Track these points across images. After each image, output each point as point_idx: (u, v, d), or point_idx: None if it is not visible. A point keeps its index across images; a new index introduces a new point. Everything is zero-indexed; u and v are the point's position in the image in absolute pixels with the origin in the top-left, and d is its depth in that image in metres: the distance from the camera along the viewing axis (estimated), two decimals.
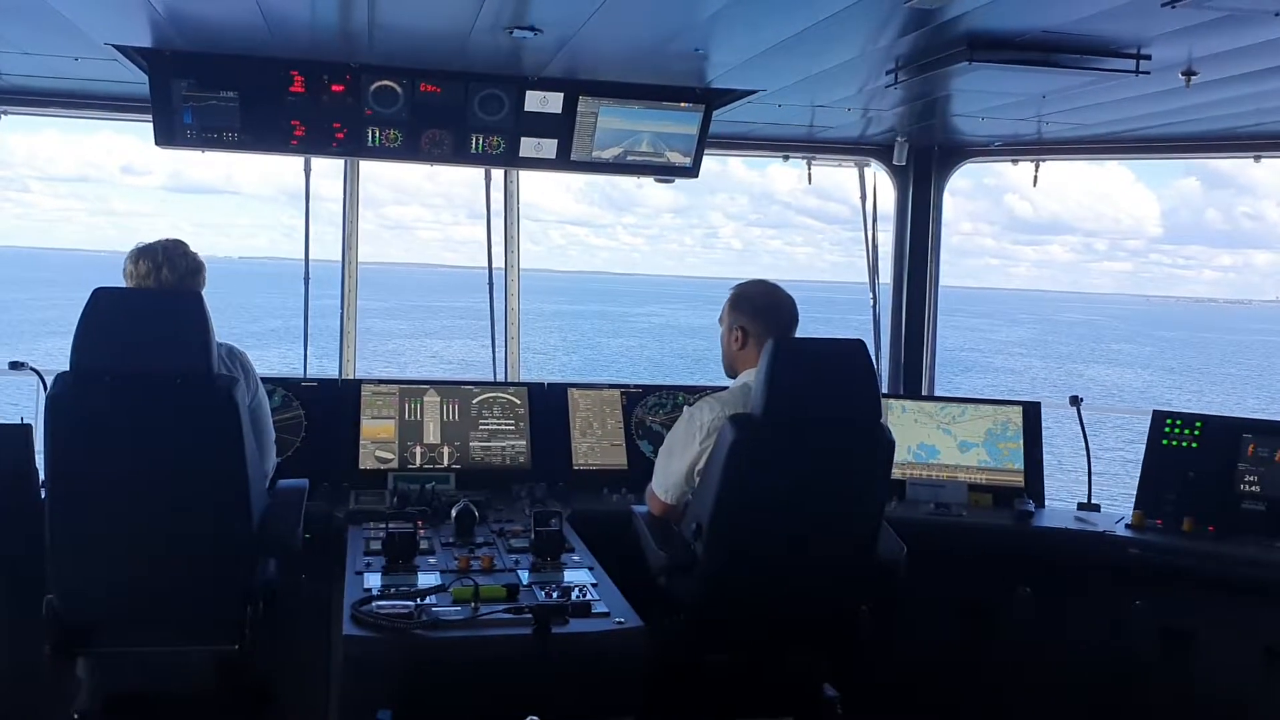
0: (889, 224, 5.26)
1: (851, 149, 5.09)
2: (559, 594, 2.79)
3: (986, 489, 4.33)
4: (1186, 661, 3.83)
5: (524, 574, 2.96)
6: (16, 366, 4.26)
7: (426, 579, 2.86)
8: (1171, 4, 2.58)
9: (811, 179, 5.18)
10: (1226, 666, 3.75)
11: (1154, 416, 4.22)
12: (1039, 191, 5.55)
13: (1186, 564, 3.79)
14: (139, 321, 2.82)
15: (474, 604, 2.63)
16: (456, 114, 3.91)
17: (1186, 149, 4.59)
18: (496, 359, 5.14)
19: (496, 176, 5.02)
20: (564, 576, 2.97)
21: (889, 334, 5.25)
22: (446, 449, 4.22)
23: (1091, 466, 4.38)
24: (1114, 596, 3.96)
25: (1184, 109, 3.86)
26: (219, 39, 3.50)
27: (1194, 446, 4.12)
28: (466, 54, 3.57)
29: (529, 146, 4.04)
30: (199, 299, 2.92)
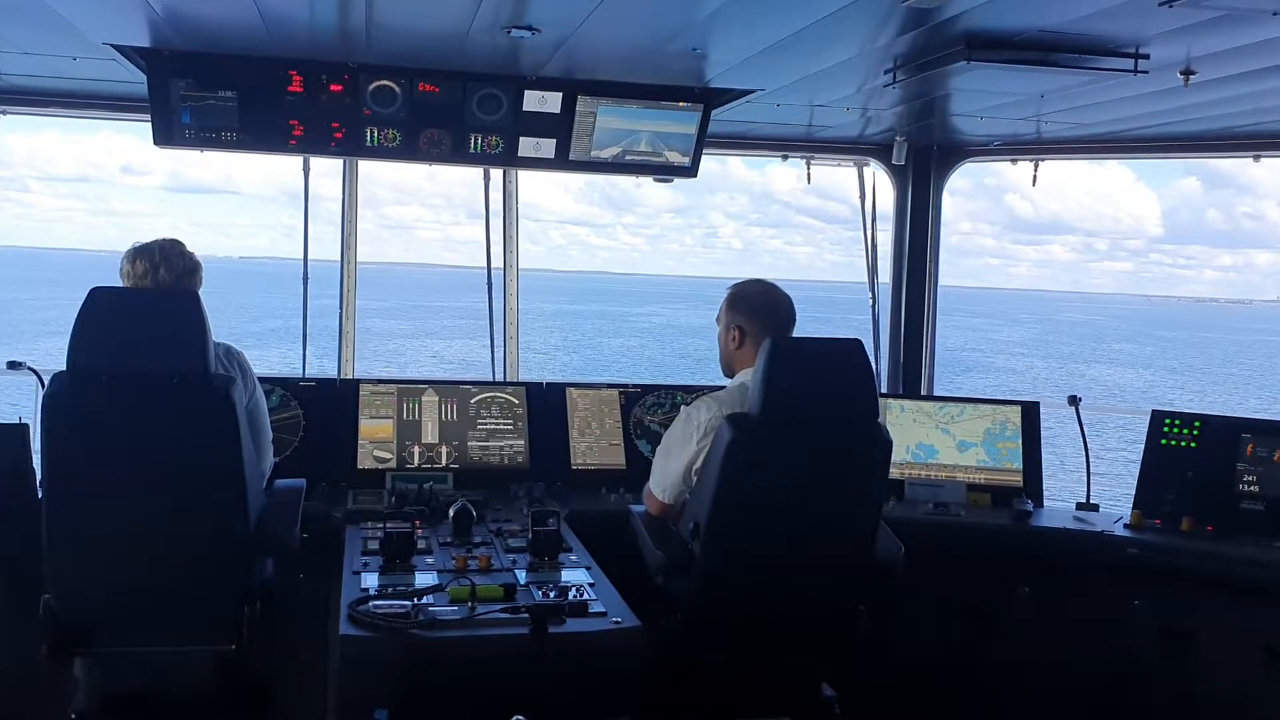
0: (888, 224, 5.26)
1: (850, 148, 5.09)
2: (556, 594, 2.79)
3: (985, 489, 4.33)
4: (1186, 661, 3.82)
5: (521, 574, 2.96)
6: (15, 366, 4.26)
7: (424, 579, 2.85)
8: (1169, 3, 2.58)
9: (811, 179, 5.18)
10: (1226, 666, 3.75)
11: (1153, 416, 4.21)
12: (1039, 191, 5.55)
13: (1186, 564, 3.78)
14: (136, 321, 2.82)
15: (471, 604, 2.63)
16: (455, 114, 3.91)
17: (1185, 148, 4.59)
18: (495, 359, 5.14)
19: (495, 176, 5.02)
20: (561, 576, 2.97)
21: (888, 334, 5.24)
22: (445, 449, 4.22)
23: (1090, 466, 4.38)
24: (1113, 596, 3.95)
25: (1182, 108, 3.85)
26: (217, 39, 3.50)
27: (1193, 446, 4.12)
28: (465, 54, 3.57)
29: (527, 146, 4.04)
30: (196, 299, 2.92)
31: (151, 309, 2.92)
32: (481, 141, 3.99)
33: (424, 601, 2.62)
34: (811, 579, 3.13)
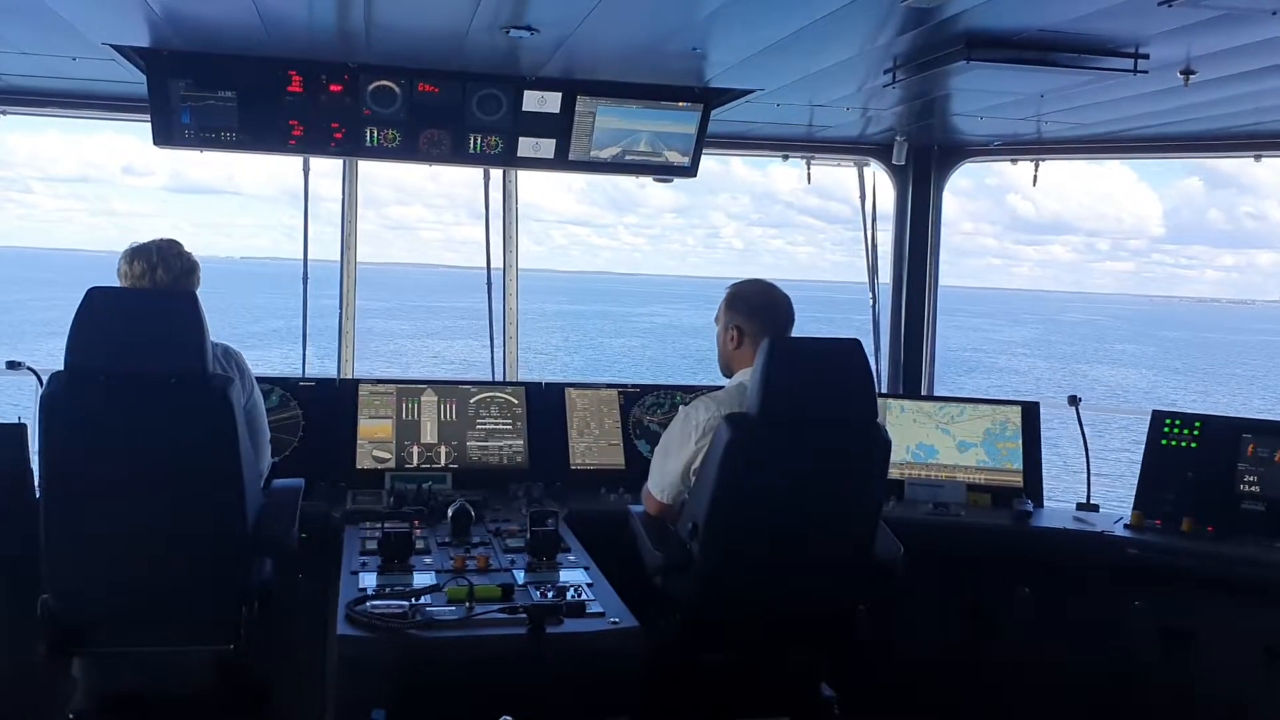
0: (889, 223, 5.25)
1: (851, 148, 5.08)
2: (554, 594, 2.78)
3: (985, 489, 4.32)
4: (1186, 661, 3.82)
5: (519, 574, 2.95)
6: (14, 366, 4.25)
7: (422, 579, 2.85)
8: (1168, 3, 2.58)
9: (811, 179, 5.18)
10: (1226, 666, 3.75)
11: (1153, 416, 4.21)
12: (1040, 191, 5.55)
13: (1186, 564, 3.78)
14: (134, 321, 2.82)
15: (469, 604, 2.62)
16: (454, 114, 3.91)
17: (1185, 148, 4.59)
18: (495, 359, 5.14)
19: (495, 176, 5.02)
20: (559, 576, 2.97)
21: (888, 334, 5.24)
22: (444, 449, 4.22)
23: (1091, 467, 4.37)
24: (1113, 596, 3.95)
25: (1182, 108, 3.85)
26: (216, 39, 3.50)
27: (1193, 446, 4.11)
28: (464, 54, 3.57)
29: (527, 146, 4.04)
30: (194, 299, 2.91)
31: (149, 309, 2.92)
32: (481, 142, 3.99)
33: (422, 602, 2.61)
34: (811, 579, 3.13)
